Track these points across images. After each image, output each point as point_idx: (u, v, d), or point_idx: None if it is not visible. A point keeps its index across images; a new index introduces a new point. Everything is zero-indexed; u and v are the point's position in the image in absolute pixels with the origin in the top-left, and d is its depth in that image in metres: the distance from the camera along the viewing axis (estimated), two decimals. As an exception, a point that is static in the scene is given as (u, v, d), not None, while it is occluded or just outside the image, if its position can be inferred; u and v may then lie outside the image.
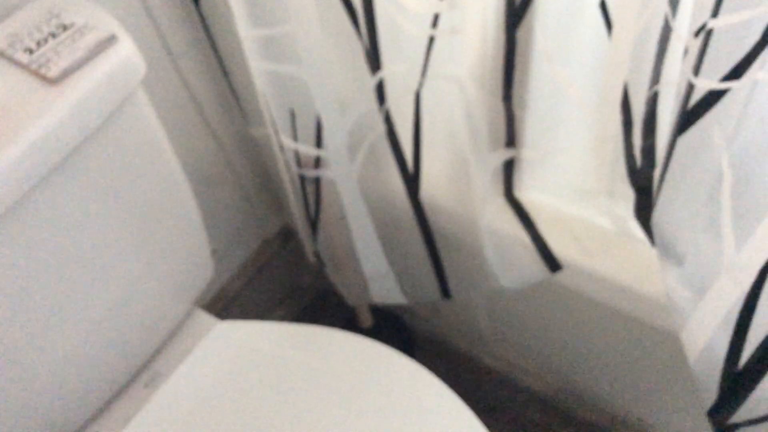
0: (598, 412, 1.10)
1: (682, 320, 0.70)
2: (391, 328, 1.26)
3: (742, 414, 0.72)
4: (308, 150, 0.82)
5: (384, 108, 0.77)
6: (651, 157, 0.68)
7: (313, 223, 0.92)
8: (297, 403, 0.79)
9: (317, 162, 0.83)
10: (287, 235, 1.26)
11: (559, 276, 0.83)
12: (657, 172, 0.68)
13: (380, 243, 0.91)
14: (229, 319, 0.88)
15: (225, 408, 0.81)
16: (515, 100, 0.72)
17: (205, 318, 0.90)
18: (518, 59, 0.68)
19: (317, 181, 0.85)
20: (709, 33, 0.51)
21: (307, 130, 0.80)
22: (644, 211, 0.74)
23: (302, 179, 0.86)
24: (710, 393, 0.73)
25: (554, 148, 0.76)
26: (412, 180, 0.83)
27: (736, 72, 0.52)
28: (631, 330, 0.86)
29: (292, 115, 0.80)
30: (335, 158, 0.82)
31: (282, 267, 1.27)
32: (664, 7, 0.57)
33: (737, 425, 0.75)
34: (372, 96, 0.75)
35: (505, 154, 0.80)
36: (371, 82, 0.74)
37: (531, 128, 0.75)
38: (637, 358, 0.91)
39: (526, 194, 0.84)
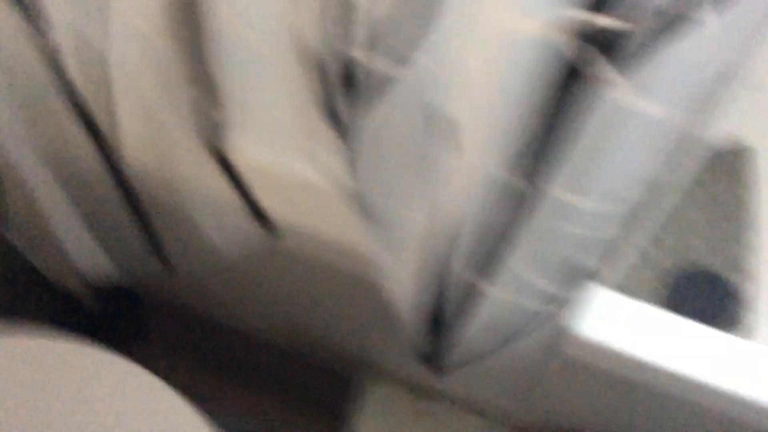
0: (332, 356, 1.12)
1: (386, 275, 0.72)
2: (121, 304, 1.16)
3: (448, 356, 0.77)
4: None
5: (60, 67, 0.67)
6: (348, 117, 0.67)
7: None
8: None
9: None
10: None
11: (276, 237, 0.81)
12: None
13: (81, 217, 0.82)
14: None
15: None
16: (207, 55, 0.66)
17: None
18: (203, 15, 0.62)
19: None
20: None
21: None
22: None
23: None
24: (417, 336, 0.76)
25: (256, 105, 0.71)
26: (105, 145, 0.74)
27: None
28: (346, 282, 0.86)
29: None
30: (6, 124, 0.70)
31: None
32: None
33: (444, 365, 0.80)
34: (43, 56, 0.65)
35: (207, 112, 0.74)
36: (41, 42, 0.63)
37: (230, 85, 0.70)
38: (357, 307, 0.92)
39: (236, 153, 0.80)
